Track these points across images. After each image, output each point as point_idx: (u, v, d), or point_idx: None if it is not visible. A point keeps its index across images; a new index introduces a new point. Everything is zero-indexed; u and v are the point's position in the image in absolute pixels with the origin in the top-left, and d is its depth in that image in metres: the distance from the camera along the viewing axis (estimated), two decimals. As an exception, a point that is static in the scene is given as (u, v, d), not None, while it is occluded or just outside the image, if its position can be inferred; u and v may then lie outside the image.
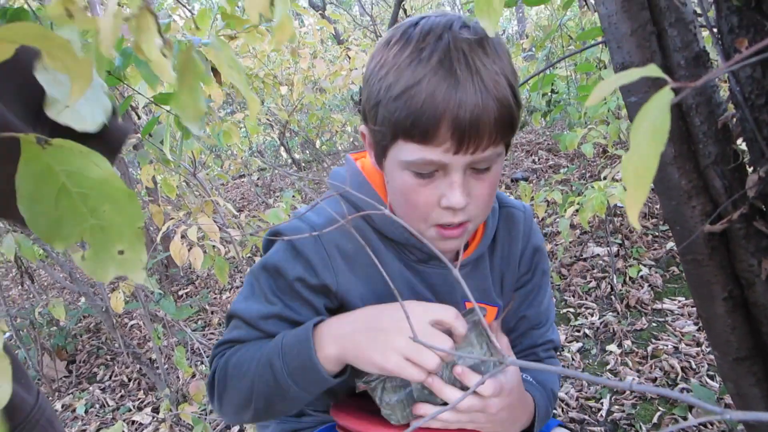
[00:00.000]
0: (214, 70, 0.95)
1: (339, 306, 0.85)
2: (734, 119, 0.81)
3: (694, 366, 1.95)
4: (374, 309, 0.77)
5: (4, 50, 0.31)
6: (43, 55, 0.34)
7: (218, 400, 0.83)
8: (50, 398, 2.73)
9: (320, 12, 4.48)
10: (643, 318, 2.30)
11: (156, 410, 2.46)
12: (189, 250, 1.84)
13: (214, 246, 1.94)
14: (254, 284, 0.84)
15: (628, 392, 1.89)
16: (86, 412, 2.58)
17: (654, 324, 2.26)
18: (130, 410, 2.52)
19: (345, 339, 0.74)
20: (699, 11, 0.84)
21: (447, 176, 0.72)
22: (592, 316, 2.43)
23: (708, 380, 1.86)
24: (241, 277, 3.63)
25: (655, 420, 1.74)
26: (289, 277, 0.81)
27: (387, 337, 0.71)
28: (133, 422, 2.40)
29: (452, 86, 0.66)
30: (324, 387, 0.76)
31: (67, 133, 0.60)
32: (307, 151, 5.51)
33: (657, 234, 2.95)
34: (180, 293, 3.73)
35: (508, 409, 0.77)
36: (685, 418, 1.70)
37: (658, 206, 3.11)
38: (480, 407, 0.75)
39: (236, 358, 0.81)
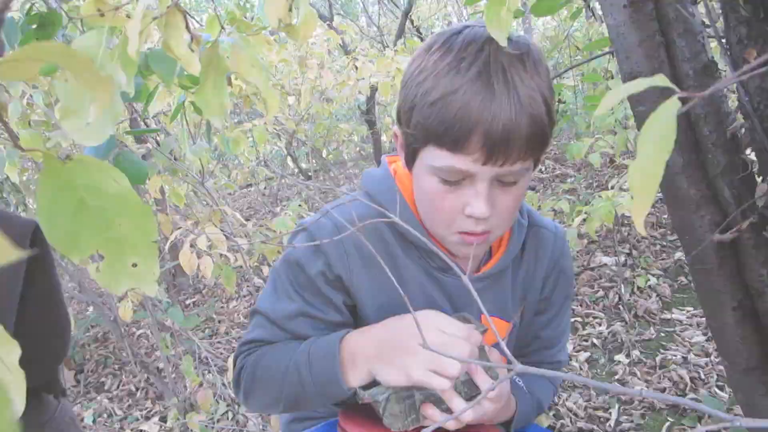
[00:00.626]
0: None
1: (354, 305, 0.87)
2: (743, 129, 0.81)
3: (703, 376, 1.93)
4: (396, 321, 0.79)
5: (30, 69, 0.32)
6: (63, 68, 0.34)
7: (245, 397, 0.88)
8: (58, 407, 2.74)
9: (328, 22, 4.52)
10: (652, 328, 2.29)
11: (164, 419, 2.46)
12: (198, 259, 1.85)
13: (222, 255, 1.95)
14: (277, 280, 0.87)
15: (636, 402, 1.88)
16: (94, 421, 2.59)
17: (662, 334, 2.25)
18: (137, 419, 2.52)
19: (371, 360, 0.76)
20: (707, 22, 0.84)
21: (473, 185, 0.73)
22: (600, 325, 2.42)
23: (717, 391, 1.85)
24: (248, 286, 3.64)
25: (664, 430, 1.73)
26: (310, 273, 0.83)
27: (411, 351, 0.73)
28: (141, 431, 2.41)
29: (487, 99, 0.67)
30: (345, 398, 0.80)
31: None
32: (314, 161, 5.54)
33: (665, 244, 2.94)
34: (187, 302, 3.74)
35: (494, 411, 0.80)
36: (693, 428, 1.69)
37: (666, 216, 3.10)
38: (481, 413, 0.77)
39: (265, 361, 0.84)
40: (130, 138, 2.12)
